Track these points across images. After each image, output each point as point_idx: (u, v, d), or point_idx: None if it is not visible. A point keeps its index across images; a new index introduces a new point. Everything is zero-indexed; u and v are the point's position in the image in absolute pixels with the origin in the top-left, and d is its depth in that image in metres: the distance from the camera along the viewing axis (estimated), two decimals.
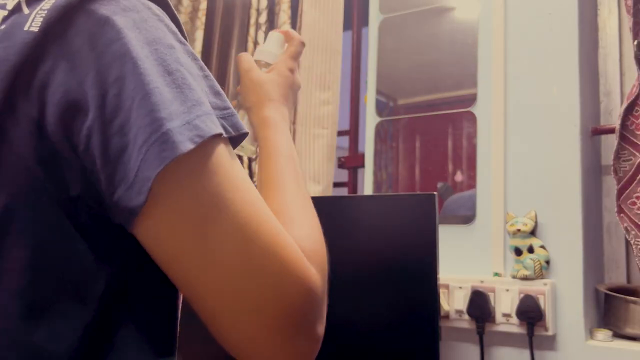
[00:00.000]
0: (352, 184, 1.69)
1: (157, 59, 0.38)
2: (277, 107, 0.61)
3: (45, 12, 0.37)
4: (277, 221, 0.41)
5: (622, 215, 1.10)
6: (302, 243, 0.42)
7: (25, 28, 0.37)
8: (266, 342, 0.39)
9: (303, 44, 0.68)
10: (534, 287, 1.09)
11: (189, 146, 0.36)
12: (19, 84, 0.36)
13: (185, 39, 0.44)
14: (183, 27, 0.45)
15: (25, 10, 0.38)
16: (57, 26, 0.37)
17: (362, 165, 1.44)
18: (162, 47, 0.39)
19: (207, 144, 0.38)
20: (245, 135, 0.43)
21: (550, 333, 1.08)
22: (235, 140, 0.43)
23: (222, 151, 0.40)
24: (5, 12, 0.39)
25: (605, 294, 1.13)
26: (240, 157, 1.53)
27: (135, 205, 0.36)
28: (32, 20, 0.37)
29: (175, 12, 0.45)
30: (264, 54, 0.69)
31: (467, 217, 1.22)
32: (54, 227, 0.37)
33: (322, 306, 0.42)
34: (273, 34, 0.71)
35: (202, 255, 0.38)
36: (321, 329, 0.42)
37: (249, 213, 0.39)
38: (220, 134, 0.39)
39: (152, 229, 0.37)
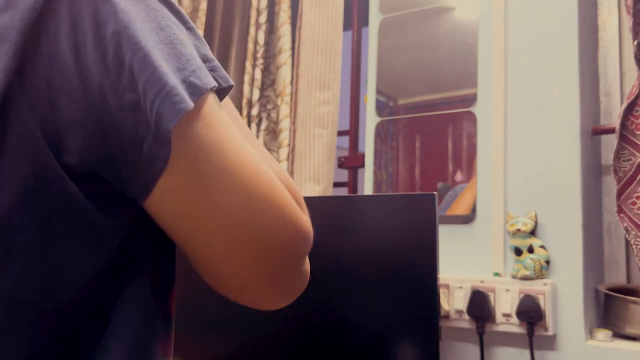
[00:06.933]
0: (352, 184, 1.69)
1: (149, 15, 0.39)
2: None
3: None
4: (270, 170, 0.43)
5: (622, 215, 1.10)
6: (284, 179, 0.46)
7: None
8: (267, 280, 0.44)
9: None
10: (534, 287, 1.09)
11: (190, 103, 0.37)
12: (27, 50, 0.36)
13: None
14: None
15: None
16: None
17: (362, 165, 1.44)
18: (152, 3, 0.40)
19: (204, 99, 0.40)
20: (230, 87, 0.44)
21: (550, 333, 1.08)
22: (221, 92, 0.44)
23: (216, 104, 0.41)
24: None
25: (605, 294, 1.13)
26: None
27: (162, 157, 0.37)
28: None
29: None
30: None
31: (467, 217, 1.22)
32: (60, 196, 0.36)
33: (310, 246, 0.47)
34: None
35: (210, 206, 0.40)
36: (309, 266, 0.49)
37: (248, 163, 0.41)
38: (214, 87, 0.41)
39: (170, 184, 0.39)
